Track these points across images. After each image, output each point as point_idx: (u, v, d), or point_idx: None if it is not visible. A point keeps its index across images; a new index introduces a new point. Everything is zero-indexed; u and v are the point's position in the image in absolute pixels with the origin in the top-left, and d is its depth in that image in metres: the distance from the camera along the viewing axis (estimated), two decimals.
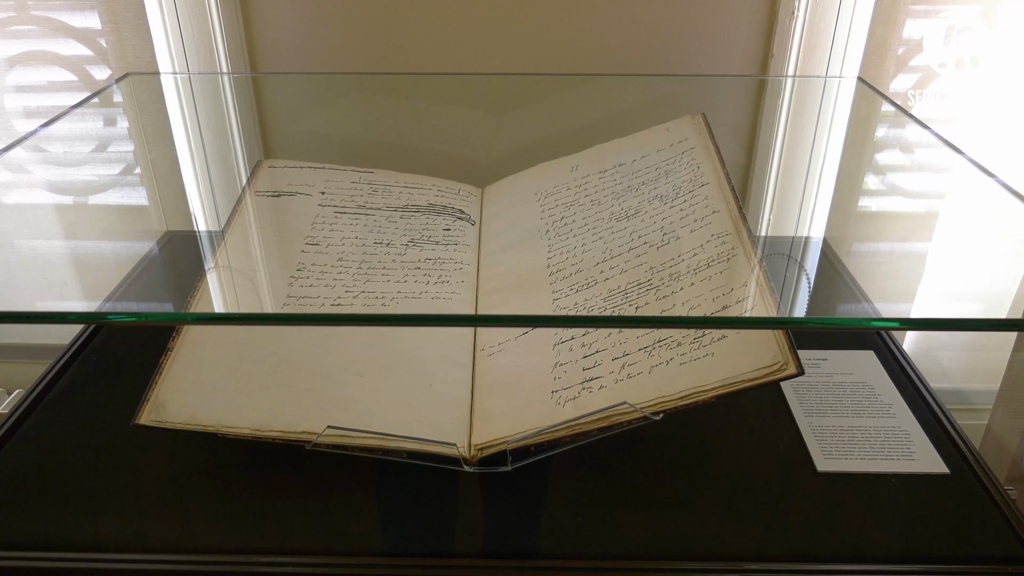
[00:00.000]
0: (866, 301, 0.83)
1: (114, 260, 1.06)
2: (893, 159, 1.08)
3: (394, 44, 1.05)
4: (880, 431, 0.75)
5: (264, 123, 1.09)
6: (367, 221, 0.93)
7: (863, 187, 1.08)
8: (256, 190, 0.95)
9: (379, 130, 1.11)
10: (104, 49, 1.06)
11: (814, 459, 0.72)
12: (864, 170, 1.08)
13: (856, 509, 0.67)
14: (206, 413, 0.68)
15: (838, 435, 0.74)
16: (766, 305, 0.68)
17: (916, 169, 1.07)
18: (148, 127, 1.06)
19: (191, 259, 1.00)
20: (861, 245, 1.07)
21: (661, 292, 0.75)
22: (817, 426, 0.75)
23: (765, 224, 1.08)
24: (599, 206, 0.90)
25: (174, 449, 0.72)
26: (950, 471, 0.71)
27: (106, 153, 1.10)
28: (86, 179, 1.12)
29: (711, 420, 0.76)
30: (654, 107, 1.06)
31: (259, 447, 0.69)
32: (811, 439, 0.74)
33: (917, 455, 0.72)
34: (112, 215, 1.15)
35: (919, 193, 1.11)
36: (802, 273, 0.87)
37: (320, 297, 0.80)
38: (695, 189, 0.85)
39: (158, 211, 1.06)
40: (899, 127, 1.01)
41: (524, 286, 0.83)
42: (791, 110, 1.07)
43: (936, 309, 0.94)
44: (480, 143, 1.10)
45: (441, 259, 0.88)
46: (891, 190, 1.11)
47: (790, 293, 0.79)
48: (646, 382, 0.68)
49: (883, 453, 0.72)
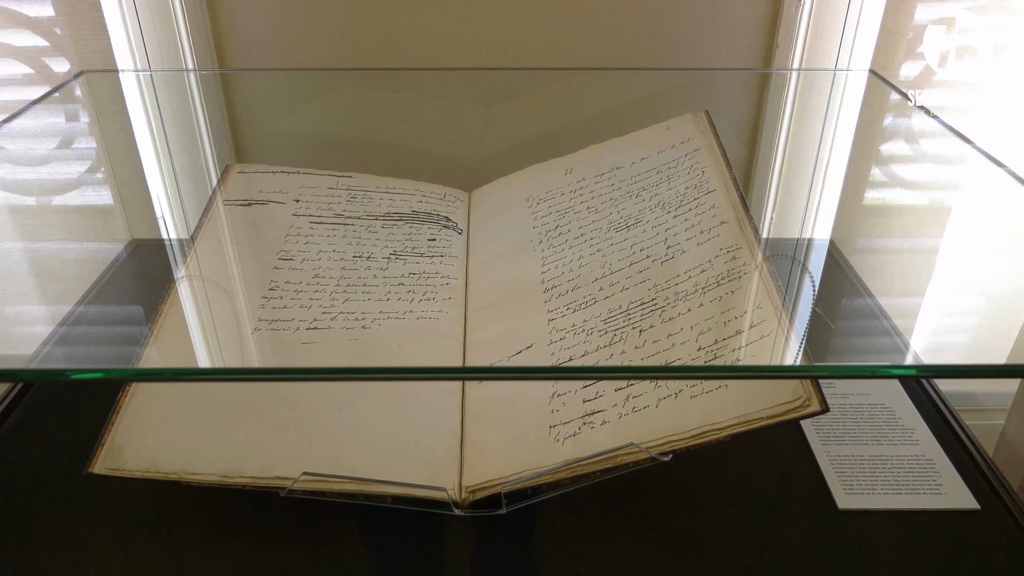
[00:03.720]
0: (896, 335, 0.77)
1: (77, 270, 0.99)
2: (906, 157, 1.02)
3: (373, 37, 0.97)
4: (903, 461, 0.69)
5: (234, 124, 1.02)
6: (345, 232, 0.86)
7: (873, 187, 1.03)
8: (225, 199, 0.88)
9: (357, 130, 1.04)
10: (61, 39, 0.97)
11: (834, 494, 0.66)
12: (874, 169, 1.02)
13: (881, 550, 0.62)
14: (169, 457, 0.62)
15: (858, 466, 0.69)
16: (785, 335, 0.62)
17: (930, 168, 1.01)
18: (108, 130, 0.98)
19: (157, 271, 0.93)
20: (870, 242, 1.01)
21: (666, 313, 0.69)
22: (835, 455, 0.70)
23: (767, 224, 1.02)
24: (596, 214, 0.83)
25: (131, 496, 0.66)
26: (980, 506, 0.65)
27: (63, 158, 1.02)
28: (45, 182, 1.04)
29: (720, 449, 0.70)
30: (652, 103, 0.99)
31: (229, 492, 0.63)
32: (829, 471, 0.68)
33: (944, 488, 0.67)
34: (74, 221, 1.08)
35: (935, 195, 1.05)
36: (807, 276, 0.81)
37: (295, 320, 0.74)
38: (700, 196, 0.79)
39: (122, 219, 0.99)
40: (913, 124, 0.95)
41: (517, 304, 0.76)
42: (796, 105, 1.01)
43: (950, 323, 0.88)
44: (467, 143, 1.03)
45: (426, 273, 0.81)
46: (904, 190, 1.05)
47: (804, 310, 0.73)
48: (653, 416, 0.62)
49: (908, 486, 0.67)
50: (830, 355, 0.79)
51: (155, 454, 0.62)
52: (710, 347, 0.64)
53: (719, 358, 0.63)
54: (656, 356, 0.66)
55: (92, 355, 0.80)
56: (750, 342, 0.62)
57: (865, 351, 0.77)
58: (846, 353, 0.77)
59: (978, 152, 0.74)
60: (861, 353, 0.77)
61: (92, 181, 1.02)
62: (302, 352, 0.71)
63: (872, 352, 0.78)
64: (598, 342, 0.69)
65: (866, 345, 0.77)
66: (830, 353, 0.78)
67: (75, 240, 1.05)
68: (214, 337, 0.71)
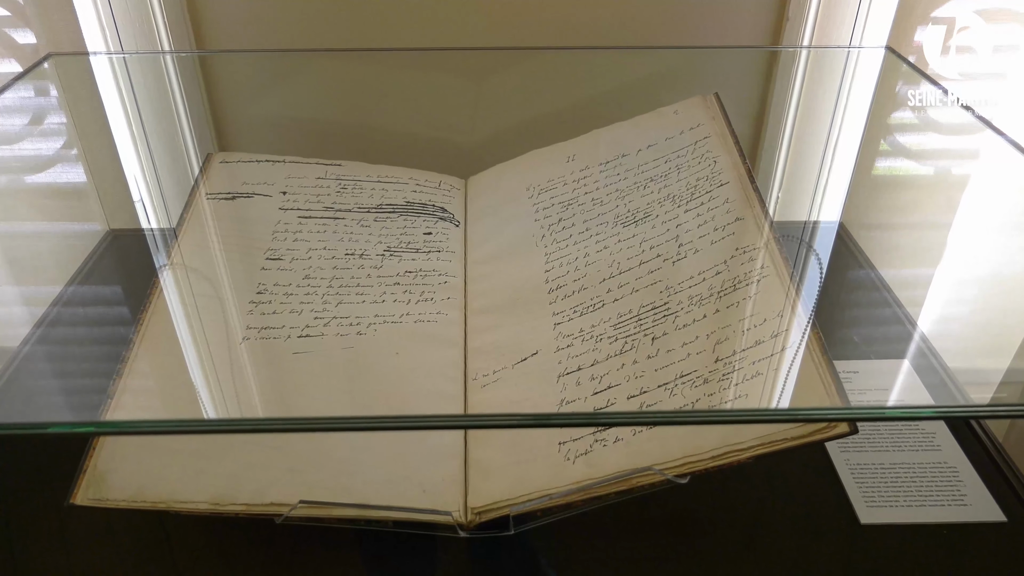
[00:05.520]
0: (924, 342, 0.74)
1: (54, 261, 0.94)
2: (925, 142, 0.97)
3: (361, 15, 0.91)
4: (925, 469, 0.66)
5: (215, 109, 0.96)
6: (336, 227, 0.81)
7: (887, 169, 0.99)
8: (207, 192, 0.83)
9: (346, 114, 0.98)
10: (23, 9, 0.90)
11: (855, 507, 0.63)
12: (889, 153, 0.98)
13: (905, 568, 0.60)
14: (156, 485, 0.58)
15: (879, 475, 0.66)
16: (808, 345, 0.58)
17: (949, 153, 0.97)
18: (80, 119, 0.92)
19: (137, 267, 0.88)
20: (881, 221, 0.98)
21: (680, 320, 0.65)
22: (855, 464, 0.67)
23: (774, 206, 0.98)
24: (602, 206, 0.79)
25: (118, 526, 0.62)
26: (1007, 518, 0.63)
27: (32, 147, 0.96)
28: (13, 170, 0.99)
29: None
30: (655, 83, 0.95)
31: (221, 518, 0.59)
32: (850, 482, 0.65)
33: (969, 499, 0.64)
34: (49, 208, 1.02)
35: (955, 181, 1.01)
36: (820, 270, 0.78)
37: (285, 327, 0.70)
38: (713, 189, 0.75)
39: (99, 211, 0.93)
40: (933, 106, 0.91)
41: (520, 306, 0.72)
42: (806, 84, 0.96)
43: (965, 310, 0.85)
44: (461, 127, 0.98)
45: (423, 271, 0.77)
46: (919, 174, 1.01)
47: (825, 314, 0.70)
48: (668, 432, 0.59)
49: (931, 498, 0.64)
50: (851, 353, 0.76)
51: (141, 481, 0.58)
52: (728, 358, 0.60)
53: (738, 371, 0.60)
54: (670, 368, 0.62)
55: (69, 370, 0.75)
56: (772, 353, 0.59)
57: (887, 356, 0.74)
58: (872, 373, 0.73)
59: (1009, 144, 0.70)
60: (882, 358, 0.74)
61: (65, 175, 0.96)
62: (294, 363, 0.67)
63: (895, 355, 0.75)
64: (608, 350, 0.65)
65: (889, 351, 0.74)
66: (852, 354, 0.75)
67: (52, 229, 1.00)
68: (205, 349, 0.67)
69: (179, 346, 0.66)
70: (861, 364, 0.76)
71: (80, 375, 0.74)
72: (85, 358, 0.77)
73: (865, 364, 0.75)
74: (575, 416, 0.61)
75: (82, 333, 0.81)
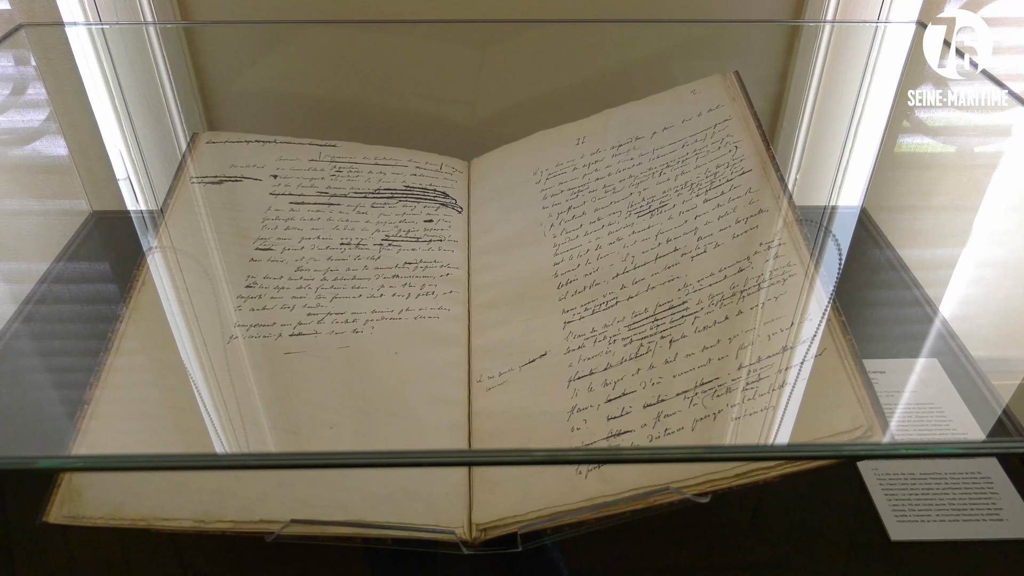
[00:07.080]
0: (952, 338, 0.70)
1: (36, 244, 0.89)
2: (957, 123, 0.92)
3: None
4: (959, 480, 0.63)
5: (202, 85, 0.90)
6: (331, 214, 0.76)
7: (912, 152, 0.93)
8: (193, 175, 0.78)
9: (340, 90, 0.92)
10: None
11: (885, 523, 0.59)
12: (917, 134, 0.92)
13: None
14: (135, 501, 0.54)
15: (909, 487, 0.62)
16: (839, 350, 0.54)
17: (981, 134, 0.92)
18: (57, 95, 0.87)
19: (119, 251, 0.83)
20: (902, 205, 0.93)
21: (700, 321, 0.61)
22: (883, 474, 0.63)
23: (792, 187, 0.93)
24: (614, 194, 0.74)
25: (96, 546, 0.58)
26: None
27: (8, 120, 0.91)
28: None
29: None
30: (672, 59, 0.89)
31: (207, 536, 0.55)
32: (878, 493, 0.62)
33: (1005, 513, 0.60)
34: (29, 188, 0.97)
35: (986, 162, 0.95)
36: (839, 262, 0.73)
37: (276, 324, 0.65)
38: (734, 177, 0.70)
39: (82, 192, 0.88)
40: (968, 84, 0.86)
41: (527, 302, 0.68)
42: (828, 60, 0.90)
43: None
44: (464, 105, 0.92)
45: (424, 262, 0.73)
46: (948, 155, 0.95)
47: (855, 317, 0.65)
48: (688, 443, 0.55)
49: (964, 511, 0.60)
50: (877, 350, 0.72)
51: (120, 497, 0.54)
52: (753, 365, 0.56)
53: (763, 380, 0.55)
54: (689, 374, 0.58)
55: (50, 366, 0.71)
56: (802, 360, 0.55)
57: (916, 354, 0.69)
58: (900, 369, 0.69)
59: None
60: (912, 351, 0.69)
61: (47, 149, 0.91)
62: (285, 364, 0.63)
63: (921, 351, 0.71)
64: (622, 353, 0.61)
65: (917, 348, 0.70)
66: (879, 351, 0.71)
67: (34, 207, 0.95)
68: (189, 351, 0.62)
69: (160, 351, 0.61)
70: (888, 363, 0.71)
71: (55, 369, 0.70)
72: (53, 368, 0.73)
73: (893, 363, 0.71)
74: (594, 452, 0.56)
75: (59, 329, 0.77)
